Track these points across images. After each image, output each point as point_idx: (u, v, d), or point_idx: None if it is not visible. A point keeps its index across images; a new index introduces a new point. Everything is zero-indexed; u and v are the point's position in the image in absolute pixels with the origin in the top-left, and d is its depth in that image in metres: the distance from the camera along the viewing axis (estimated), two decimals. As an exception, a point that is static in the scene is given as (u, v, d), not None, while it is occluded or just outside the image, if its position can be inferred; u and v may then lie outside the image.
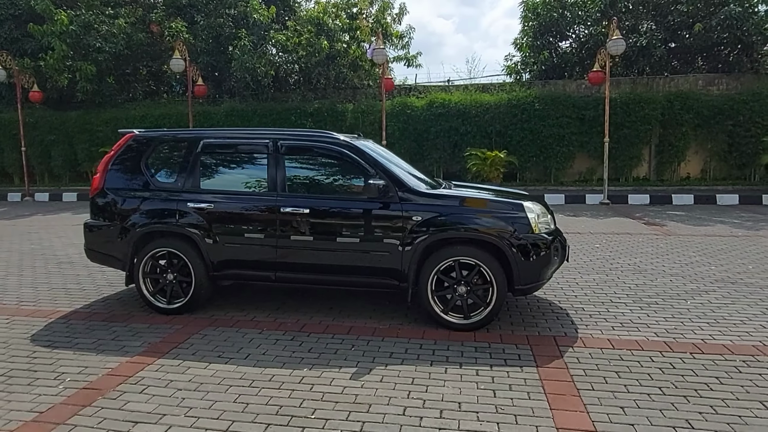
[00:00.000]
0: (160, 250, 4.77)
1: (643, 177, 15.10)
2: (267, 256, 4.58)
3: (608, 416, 2.99)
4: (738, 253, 7.24)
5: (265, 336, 4.28)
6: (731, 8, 13.37)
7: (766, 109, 13.55)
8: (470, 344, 4.08)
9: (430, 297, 4.35)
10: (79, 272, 6.46)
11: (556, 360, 3.77)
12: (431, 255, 4.34)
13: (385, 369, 3.64)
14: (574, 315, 4.76)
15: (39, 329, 4.48)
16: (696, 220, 10.45)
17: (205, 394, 3.29)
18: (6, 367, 3.71)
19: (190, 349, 3.99)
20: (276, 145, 4.63)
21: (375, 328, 4.46)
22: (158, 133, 5.03)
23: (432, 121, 14.73)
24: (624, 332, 4.31)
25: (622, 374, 3.54)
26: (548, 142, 14.55)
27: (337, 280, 4.57)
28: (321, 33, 14.14)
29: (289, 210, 4.50)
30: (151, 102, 16.07)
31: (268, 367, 3.67)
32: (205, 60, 15.16)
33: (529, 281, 4.29)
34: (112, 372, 3.60)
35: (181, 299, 4.76)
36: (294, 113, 14.94)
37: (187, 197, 4.70)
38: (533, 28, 15.59)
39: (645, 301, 5.12)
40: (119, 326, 4.53)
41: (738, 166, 14.45)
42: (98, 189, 4.96)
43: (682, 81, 14.81)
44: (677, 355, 3.84)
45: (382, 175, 4.43)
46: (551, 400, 3.18)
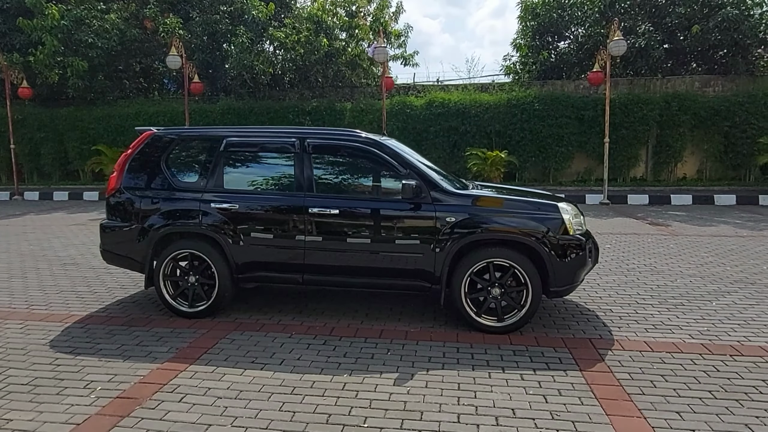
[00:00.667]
0: (181, 252, 4.61)
1: (641, 177, 15.21)
2: (294, 258, 4.46)
3: (666, 422, 2.93)
4: (748, 254, 7.28)
5: (296, 340, 4.15)
6: (728, 11, 13.52)
7: (761, 110, 13.73)
8: (507, 348, 4.00)
9: (464, 299, 4.26)
10: (86, 274, 6.26)
11: (599, 363, 3.71)
12: (464, 256, 4.25)
13: (427, 374, 3.55)
14: (604, 317, 4.71)
15: (57, 335, 4.30)
16: (698, 220, 10.53)
17: (248, 402, 3.16)
18: (30, 375, 3.54)
19: (221, 355, 3.86)
20: (303, 144, 4.51)
21: (406, 331, 4.36)
22: (179, 131, 4.86)
23: (431, 120, 14.66)
24: (658, 334, 4.27)
25: (669, 378, 3.49)
26: (547, 142, 14.58)
27: (367, 282, 4.46)
28: (320, 31, 13.98)
29: (318, 210, 4.38)
30: (144, 99, 15.75)
31: (306, 373, 3.55)
32: (201, 57, 14.90)
33: (565, 283, 4.23)
34: (145, 380, 3.45)
35: (204, 302, 4.61)
36: (292, 112, 14.75)
37: (210, 197, 4.55)
38: (532, 28, 15.61)
39: (671, 303, 5.10)
40: (141, 331, 4.37)
41: (733, 166, 14.62)
42: (115, 189, 4.78)
43: (678, 82, 14.94)
44: (717, 358, 3.80)
45: (414, 175, 4.34)
46: (605, 405, 3.11)
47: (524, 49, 15.97)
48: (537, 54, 15.46)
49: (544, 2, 15.16)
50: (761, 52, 14.76)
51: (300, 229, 4.43)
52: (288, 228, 4.47)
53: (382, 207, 4.39)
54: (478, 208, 4.29)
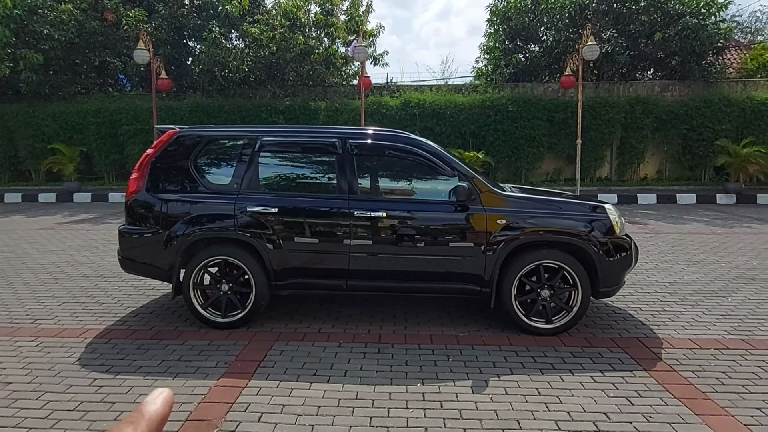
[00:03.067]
0: (213, 259, 4.33)
1: (605, 177, 15.80)
2: (338, 264, 4.28)
3: (754, 418, 3.00)
4: (733, 250, 7.67)
5: (348, 349, 3.98)
6: (687, 20, 14.27)
7: (716, 115, 14.57)
8: (563, 350, 4.00)
9: (513, 302, 4.23)
10: (82, 284, 5.78)
11: (659, 362, 3.77)
12: (514, 259, 4.22)
13: (499, 380, 3.48)
14: (638, 315, 4.81)
15: (81, 351, 3.92)
16: (670, 218, 11.04)
17: (333, 418, 2.98)
18: (73, 399, 3.20)
19: (277, 368, 3.63)
20: (345, 145, 4.33)
21: (455, 336, 4.28)
22: (206, 130, 4.56)
23: (407, 120, 14.64)
24: (697, 331, 4.40)
25: (730, 374, 3.59)
26: (520, 142, 14.88)
27: (415, 287, 4.34)
28: (295, 28, 13.64)
29: (364, 213, 4.22)
30: (104, 96, 14.81)
31: (377, 384, 3.40)
32: (166, 51, 14.19)
33: (612, 284, 4.28)
34: (208, 399, 3.19)
35: (238, 312, 4.35)
36: (264, 110, 14.32)
37: (245, 200, 4.29)
38: (504, 31, 15.88)
39: (691, 300, 5.27)
40: (175, 344, 4.06)
41: (690, 167, 15.45)
42: (137, 192, 4.42)
43: (640, 87, 15.63)
44: (763, 353, 3.95)
45: (463, 176, 4.26)
46: (689, 405, 3.15)
47: (497, 51, 16.23)
48: (509, 57, 15.74)
49: (516, 6, 15.46)
50: (712, 59, 15.67)
51: (344, 233, 4.25)
52: (332, 232, 4.28)
53: (431, 209, 4.29)
54: (528, 209, 4.27)
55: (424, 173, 4.39)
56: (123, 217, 4.67)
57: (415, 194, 4.43)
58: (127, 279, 5.90)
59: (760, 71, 16.18)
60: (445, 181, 4.33)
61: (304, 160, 4.49)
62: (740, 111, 14.48)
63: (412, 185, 4.48)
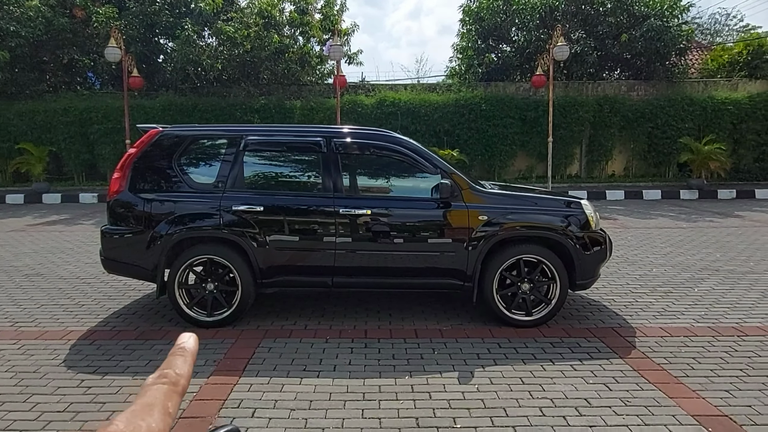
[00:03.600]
0: (198, 258, 4.33)
1: (575, 174, 16.21)
2: (324, 261, 4.34)
3: (723, 400, 3.20)
4: (697, 243, 8.02)
5: (335, 345, 4.05)
6: (652, 21, 14.76)
7: (679, 113, 15.12)
8: (543, 341, 4.16)
9: (495, 295, 4.37)
10: (60, 285, 5.68)
11: (633, 350, 3.96)
12: (495, 254, 4.36)
13: (484, 371, 3.61)
14: (612, 306, 5.02)
15: (66, 353, 3.89)
16: (638, 214, 11.43)
17: (325, 412, 3.06)
18: (63, 401, 3.19)
19: (267, 364, 3.68)
20: (330, 144, 4.39)
21: (439, 329, 4.39)
22: (190, 129, 4.55)
23: (383, 119, 14.72)
24: (667, 320, 4.62)
25: (700, 360, 3.80)
26: (493, 141, 15.15)
27: (400, 282, 4.44)
28: (270, 26, 13.56)
29: (349, 211, 4.29)
30: (73, 94, 14.43)
31: (367, 378, 3.49)
32: (137, 49, 13.93)
33: (589, 276, 4.46)
34: (200, 397, 3.23)
35: (224, 310, 4.37)
36: (239, 109, 14.19)
37: (231, 199, 4.31)
38: (477, 31, 16.12)
39: (661, 291, 5.52)
40: (161, 344, 4.06)
41: (655, 164, 15.98)
42: (119, 192, 4.39)
43: (607, 86, 16.08)
44: (729, 340, 4.19)
45: (446, 174, 4.38)
46: (663, 389, 3.33)
47: (470, 51, 16.45)
48: (482, 56, 15.99)
49: (489, 7, 15.71)
50: (675, 60, 16.24)
51: (330, 230, 4.32)
52: (317, 230, 4.35)
53: (414, 206, 4.39)
54: (508, 206, 4.41)
55: (408, 171, 4.49)
56: (96, 218, 4.62)
57: (398, 192, 4.52)
58: (106, 280, 5.83)
59: (720, 72, 16.83)
60: (427, 178, 4.44)
61: (289, 159, 4.54)
62: (702, 110, 15.05)
63: (396, 183, 4.57)
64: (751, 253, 7.27)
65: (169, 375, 0.51)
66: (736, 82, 15.97)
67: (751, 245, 7.79)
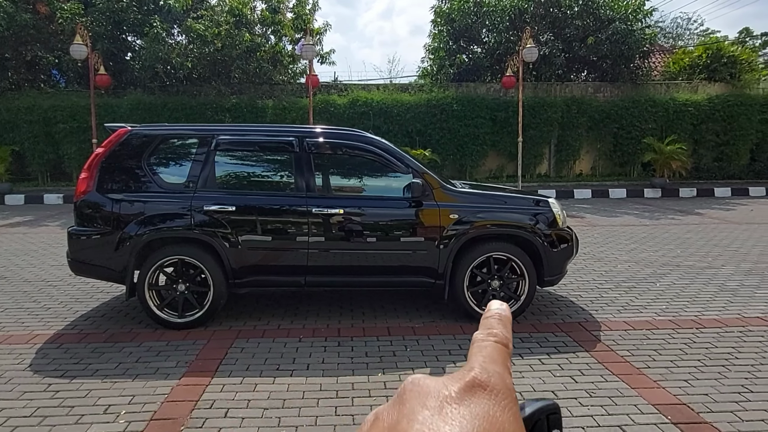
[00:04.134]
0: (169, 259, 4.29)
1: (545, 174, 16.54)
2: (297, 260, 4.36)
3: (681, 389, 3.35)
4: (659, 240, 8.30)
5: (309, 344, 4.08)
6: (617, 25, 15.19)
7: (643, 114, 15.59)
8: (513, 336, 4.20)
9: (466, 293, 4.45)
10: (25, 288, 5.53)
11: (599, 344, 4.10)
12: (466, 251, 4.45)
13: (456, 366, 3.69)
14: (578, 302, 5.17)
15: (32, 357, 3.81)
16: (603, 212, 11.74)
17: (299, 410, 3.08)
18: (30, 405, 3.12)
19: (240, 365, 3.68)
20: (302, 143, 4.41)
21: (412, 327, 4.46)
22: (160, 128, 4.50)
23: (355, 119, 14.74)
24: (630, 314, 4.79)
25: (661, 351, 3.96)
26: (464, 141, 15.33)
27: (373, 281, 4.49)
28: (241, 25, 13.43)
29: (322, 210, 4.32)
30: (37, 92, 13.99)
31: (340, 376, 3.52)
32: (104, 46, 13.60)
33: (556, 272, 4.59)
34: (172, 398, 3.21)
35: (195, 311, 4.34)
36: (210, 108, 14.01)
37: (202, 199, 4.28)
38: (448, 32, 16.28)
39: (624, 286, 5.70)
40: (132, 346, 4.01)
41: (621, 163, 16.43)
42: (87, 192, 4.31)
43: (575, 88, 16.46)
44: (688, 331, 4.37)
45: (417, 173, 4.44)
46: (626, 380, 3.47)
47: (441, 51, 16.61)
48: (453, 57, 16.16)
49: (460, 8, 15.88)
50: (638, 62, 16.73)
51: (303, 230, 4.33)
52: (290, 230, 4.36)
53: (386, 206, 4.44)
54: (478, 204, 4.50)
55: (380, 171, 4.54)
56: (62, 219, 4.54)
57: (371, 191, 4.57)
58: (73, 283, 5.70)
59: (681, 74, 17.40)
60: (399, 178, 4.50)
61: (261, 159, 4.54)
62: (664, 111, 15.54)
63: (368, 182, 4.62)
64: (709, 249, 7.57)
65: (498, 335, 0.46)
66: (696, 84, 16.54)
67: (709, 242, 8.11)
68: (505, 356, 0.44)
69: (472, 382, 0.39)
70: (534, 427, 0.48)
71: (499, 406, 0.38)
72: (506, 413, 0.37)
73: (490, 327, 0.48)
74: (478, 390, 0.38)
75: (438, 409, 0.36)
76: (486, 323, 0.49)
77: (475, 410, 0.37)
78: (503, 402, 0.38)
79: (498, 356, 0.44)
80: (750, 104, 15.60)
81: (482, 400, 0.38)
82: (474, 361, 0.42)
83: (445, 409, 0.36)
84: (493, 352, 0.44)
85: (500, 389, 0.39)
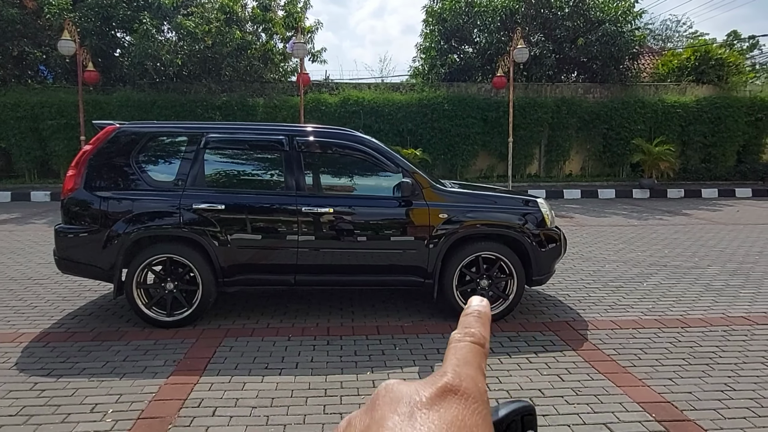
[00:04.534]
0: (157, 257, 4.27)
1: (534, 174, 16.64)
2: (286, 259, 4.35)
3: (666, 387, 3.39)
4: (647, 240, 8.39)
5: (298, 342, 4.08)
6: (607, 27, 15.30)
7: (633, 115, 15.73)
8: (501, 335, 4.29)
9: (455, 292, 4.48)
10: (10, 287, 5.48)
11: (585, 343, 4.14)
12: (455, 251, 4.47)
13: (444, 365, 3.70)
14: (566, 301, 5.21)
15: (18, 356, 3.78)
16: (592, 212, 11.83)
17: (287, 408, 3.08)
18: (15, 404, 3.10)
19: (228, 363, 3.67)
20: (292, 142, 4.41)
21: (401, 326, 4.47)
22: (149, 126, 4.48)
23: (346, 118, 14.73)
24: (617, 314, 4.84)
25: (646, 350, 4.00)
26: (455, 140, 15.37)
27: (361, 280, 4.49)
28: (231, 22, 13.36)
29: (311, 210, 4.32)
30: (24, 88, 13.83)
31: (329, 375, 3.53)
32: (92, 42, 13.47)
33: (544, 272, 4.62)
34: (159, 397, 3.20)
35: (184, 310, 4.32)
36: (200, 106, 13.93)
37: (191, 197, 4.27)
38: (440, 32, 16.31)
39: (612, 286, 5.76)
40: (119, 345, 3.99)
41: (610, 164, 16.57)
42: (74, 189, 4.28)
43: (565, 88, 16.57)
44: (673, 330, 4.42)
45: (406, 173, 4.46)
46: (612, 378, 3.51)
47: (433, 51, 16.64)
48: (444, 57, 16.19)
49: (451, 8, 15.92)
50: (628, 64, 16.87)
51: (292, 229, 4.33)
52: (280, 228, 4.35)
53: (376, 205, 4.45)
54: (467, 204, 4.53)
55: (370, 170, 4.55)
56: (49, 217, 4.49)
57: (361, 190, 4.57)
58: (60, 281, 5.66)
59: (670, 76, 17.57)
60: (389, 177, 4.51)
61: (251, 157, 4.53)
62: (653, 112, 15.70)
63: (359, 182, 4.62)
64: (696, 249, 7.66)
65: (475, 334, 0.46)
66: (685, 86, 16.71)
67: (696, 242, 8.20)
68: (480, 358, 0.45)
69: (444, 387, 0.39)
70: (508, 427, 0.50)
71: (468, 410, 0.38)
72: (475, 416, 0.38)
73: (467, 326, 0.48)
74: (450, 395, 0.39)
75: (408, 415, 0.37)
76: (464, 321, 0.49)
77: (445, 415, 0.37)
78: (473, 405, 0.39)
79: (473, 358, 0.44)
80: (737, 106, 15.80)
81: (452, 405, 0.38)
82: (448, 364, 0.43)
83: (415, 414, 0.37)
84: (468, 353, 0.44)
85: (471, 393, 0.40)
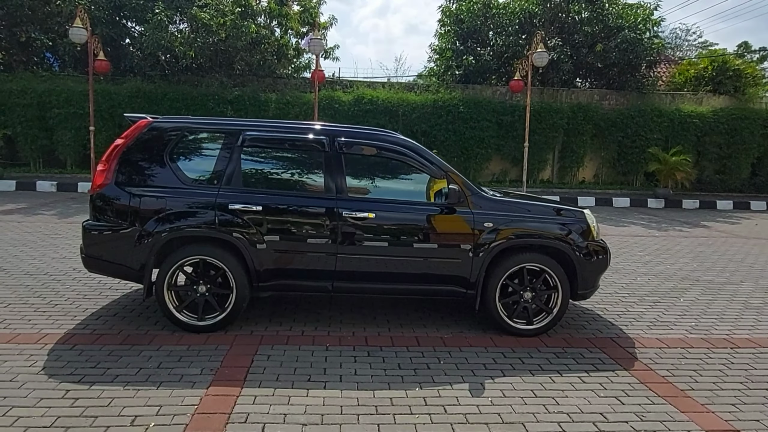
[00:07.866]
0: (190, 258, 4.08)
1: (547, 179, 16.47)
2: (324, 265, 4.16)
3: (731, 414, 3.22)
4: (673, 252, 8.23)
5: (337, 353, 3.89)
6: (626, 33, 15.14)
7: (648, 124, 15.57)
8: (547, 351, 4.11)
9: (497, 304, 4.30)
10: (27, 282, 5.28)
11: (636, 362, 3.97)
12: (499, 261, 4.29)
13: (494, 382, 3.53)
14: (605, 315, 5.04)
15: (45, 359, 3.58)
16: (610, 221, 11.67)
17: (339, 427, 2.90)
18: (49, 414, 2.90)
19: (268, 374, 3.48)
20: (333, 143, 4.22)
21: (440, 337, 4.29)
22: (184, 121, 4.28)
23: (360, 117, 14.54)
24: (661, 331, 4.67)
25: (701, 372, 3.84)
26: (469, 143, 15.19)
27: (401, 289, 4.31)
28: (246, 15, 13.15)
29: (352, 213, 4.13)
30: (31, 75, 13.58)
31: (376, 390, 3.34)
32: (103, 31, 13.25)
33: (590, 286, 4.45)
34: (202, 410, 3.01)
35: (216, 314, 4.13)
36: (212, 99, 13.72)
37: (226, 197, 4.07)
38: (456, 33, 16.12)
39: (648, 300, 5.59)
40: (150, 350, 3.79)
41: (623, 172, 16.42)
42: (105, 185, 4.08)
43: (581, 94, 16.41)
44: (723, 351, 4.26)
45: (451, 179, 4.28)
46: (674, 403, 3.33)
47: (449, 52, 16.45)
48: (460, 58, 16.00)
49: (469, 9, 15.73)
50: (645, 72, 16.73)
51: (332, 233, 4.14)
52: (319, 232, 4.16)
53: (419, 211, 4.26)
54: (512, 213, 4.35)
55: (412, 174, 4.37)
56: (57, 208, 4.31)
57: (403, 195, 4.38)
58: (78, 278, 5.46)
59: (687, 85, 17.43)
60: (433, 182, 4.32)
61: (290, 157, 4.33)
62: (669, 122, 15.54)
63: (400, 186, 4.44)
64: (724, 263, 7.50)
65: None
66: (701, 96, 16.57)
67: (723, 256, 8.05)
68: None
69: None
70: None
71: None
72: None
73: None
74: None
75: None
76: None
77: None
78: None
79: None
80: (753, 118, 15.67)
81: None
82: None
83: None
84: None
85: None
